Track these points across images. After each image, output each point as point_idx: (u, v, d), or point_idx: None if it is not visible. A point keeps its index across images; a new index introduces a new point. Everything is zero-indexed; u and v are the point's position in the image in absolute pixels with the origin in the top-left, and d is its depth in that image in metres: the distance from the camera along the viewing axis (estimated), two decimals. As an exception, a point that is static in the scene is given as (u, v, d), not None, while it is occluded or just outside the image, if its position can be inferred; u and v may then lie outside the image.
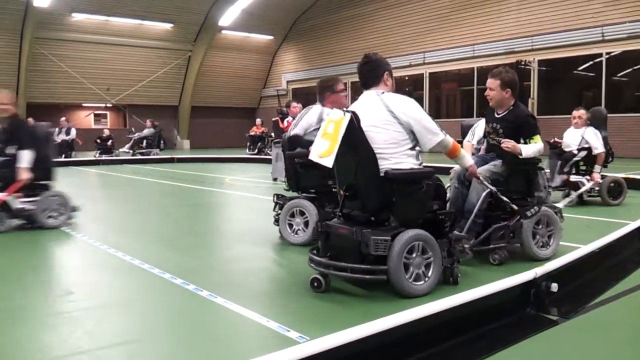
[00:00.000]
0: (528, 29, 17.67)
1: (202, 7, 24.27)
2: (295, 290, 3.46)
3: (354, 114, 3.22)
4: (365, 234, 3.18)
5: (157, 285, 3.65)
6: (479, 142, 5.12)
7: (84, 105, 25.46)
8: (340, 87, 5.02)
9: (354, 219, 3.43)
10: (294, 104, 10.45)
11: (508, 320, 2.81)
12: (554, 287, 3.00)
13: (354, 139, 3.22)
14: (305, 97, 25.19)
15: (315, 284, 3.32)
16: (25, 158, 5.45)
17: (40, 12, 20.85)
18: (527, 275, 2.97)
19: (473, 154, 4.93)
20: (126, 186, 11.25)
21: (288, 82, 27.51)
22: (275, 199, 5.12)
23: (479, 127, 5.19)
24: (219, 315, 3.07)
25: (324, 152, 3.25)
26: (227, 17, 24.32)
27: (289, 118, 10.55)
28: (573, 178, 7.12)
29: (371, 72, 3.56)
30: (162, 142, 20.22)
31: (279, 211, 4.99)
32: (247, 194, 9.52)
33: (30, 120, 17.83)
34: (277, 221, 5.01)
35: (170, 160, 17.62)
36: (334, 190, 4.37)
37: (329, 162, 3.22)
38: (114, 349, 2.59)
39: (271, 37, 27.34)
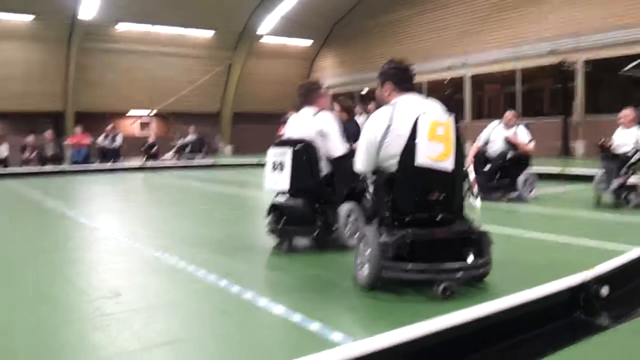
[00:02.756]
0: (573, 27, 17.19)
1: (242, 15, 24.61)
2: (340, 292, 3.45)
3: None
4: (485, 233, 3.39)
5: (202, 287, 3.71)
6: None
7: (129, 113, 26.12)
8: (324, 90, 5.19)
9: (435, 222, 3.35)
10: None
11: (557, 325, 2.73)
12: (605, 290, 2.90)
13: (457, 141, 3.31)
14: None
15: (448, 292, 3.15)
16: None
17: (86, 24, 21.55)
18: (576, 278, 2.89)
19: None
20: (171, 191, 11.48)
21: (327, 87, 27.56)
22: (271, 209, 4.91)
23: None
24: (263, 316, 3.09)
25: (439, 156, 3.25)
26: (267, 24, 24.58)
27: None
28: (632, 180, 6.90)
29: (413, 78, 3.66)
30: (205, 148, 20.60)
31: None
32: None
33: (78, 129, 18.59)
34: (273, 231, 4.84)
35: (213, 166, 17.90)
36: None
37: (448, 165, 3.27)
38: (161, 349, 2.64)
39: (310, 43, 27.48)
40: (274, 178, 4.73)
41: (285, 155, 4.61)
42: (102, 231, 6.32)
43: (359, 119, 16.53)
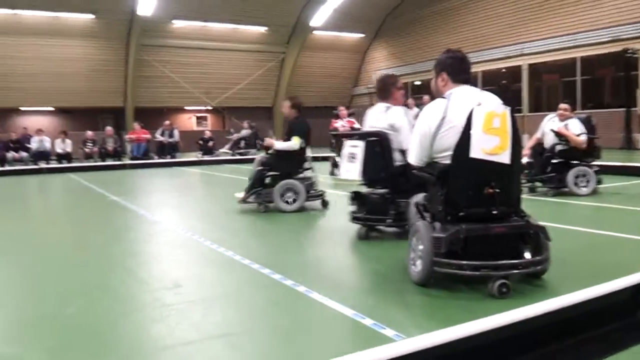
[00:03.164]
0: (636, 14, 16.38)
1: (294, 9, 24.74)
2: (392, 287, 3.45)
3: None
4: (542, 228, 3.30)
5: (256, 280, 3.79)
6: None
7: (186, 108, 26.77)
8: (400, 84, 5.27)
9: (491, 216, 3.29)
10: (342, 108, 12.49)
11: (618, 325, 2.64)
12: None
13: (515, 133, 3.24)
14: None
15: (504, 289, 3.09)
16: None
17: (144, 21, 22.20)
18: (637, 277, 2.78)
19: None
20: (226, 185, 11.71)
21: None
22: (352, 196, 5.16)
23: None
24: (315, 310, 3.13)
25: (495, 149, 3.19)
26: (319, 18, 24.62)
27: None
28: None
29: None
30: (258, 142, 20.86)
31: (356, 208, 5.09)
32: (339, 191, 9.59)
33: (137, 125, 19.23)
34: (355, 219, 5.08)
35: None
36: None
37: (505, 158, 3.20)
38: (218, 341, 2.72)
39: (362, 35, 27.35)
40: (348, 168, 5.00)
41: (358, 147, 4.88)
42: (161, 224, 6.54)
43: (412, 112, 16.36)
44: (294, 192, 6.80)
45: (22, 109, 23.09)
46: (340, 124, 12.31)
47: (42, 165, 16.46)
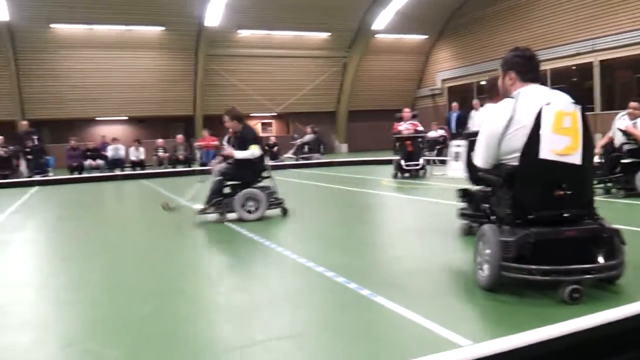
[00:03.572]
0: None
1: (356, 14, 24.79)
2: (458, 292, 3.41)
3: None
4: (617, 231, 3.19)
5: (320, 283, 3.83)
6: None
7: (251, 115, 27.38)
8: None
9: (562, 219, 3.20)
10: (406, 109, 12.66)
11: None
12: None
13: (586, 132, 3.16)
14: (462, 94, 24.51)
15: (576, 295, 3.00)
16: None
17: (211, 31, 22.89)
18: None
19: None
20: (290, 189, 11.88)
21: (443, 80, 26.98)
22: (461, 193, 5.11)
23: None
24: (379, 314, 3.13)
25: (565, 149, 3.11)
26: (381, 21, 24.55)
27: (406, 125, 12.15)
28: None
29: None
30: (322, 146, 21.07)
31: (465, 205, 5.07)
32: (403, 195, 9.54)
33: (205, 132, 19.84)
34: (463, 215, 5.07)
35: (330, 164, 18.23)
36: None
37: (576, 158, 3.12)
38: (284, 342, 2.78)
39: (425, 37, 27.04)
40: (454, 166, 5.13)
41: (462, 147, 5.03)
42: (229, 228, 6.72)
43: (478, 113, 15.99)
44: (255, 201, 6.77)
45: (98, 118, 24.33)
46: (404, 127, 12.18)
47: (117, 172, 17.28)
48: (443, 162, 15.36)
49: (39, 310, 3.58)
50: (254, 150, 6.84)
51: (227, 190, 6.90)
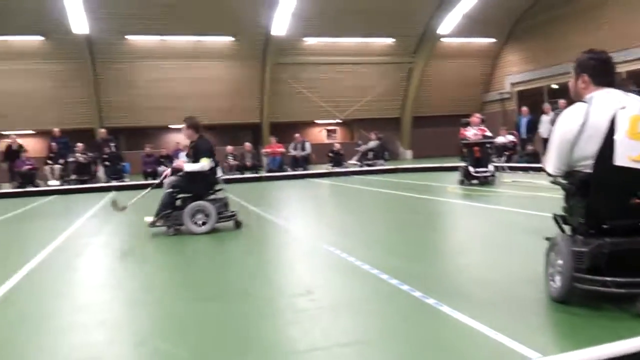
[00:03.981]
0: None
1: (421, 19, 24.55)
2: (528, 303, 3.29)
3: None
4: None
5: (384, 290, 3.81)
6: None
7: (316, 122, 27.62)
8: None
9: (639, 228, 3.05)
10: (477, 115, 12.51)
11: None
12: None
13: None
14: (532, 98, 23.71)
15: None
16: None
17: (278, 40, 23.32)
18: None
19: None
20: (354, 196, 11.90)
21: (512, 84, 26.21)
22: None
23: None
24: (445, 324, 3.08)
25: None
26: (447, 25, 24.19)
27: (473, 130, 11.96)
28: None
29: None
30: (386, 153, 20.97)
31: None
32: (470, 202, 9.34)
33: (272, 139, 20.22)
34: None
35: (394, 171, 18.11)
36: None
37: None
38: (346, 348, 2.78)
39: (492, 40, 26.39)
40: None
41: None
42: (295, 233, 6.83)
43: (548, 117, 15.44)
44: (204, 214, 6.62)
45: (171, 126, 25.27)
46: (472, 132, 11.89)
47: (188, 178, 17.85)
48: (512, 169, 14.92)
49: (113, 310, 3.76)
50: (203, 163, 6.73)
51: (179, 202, 6.79)
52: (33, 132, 23.03)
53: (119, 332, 3.30)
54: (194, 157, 6.86)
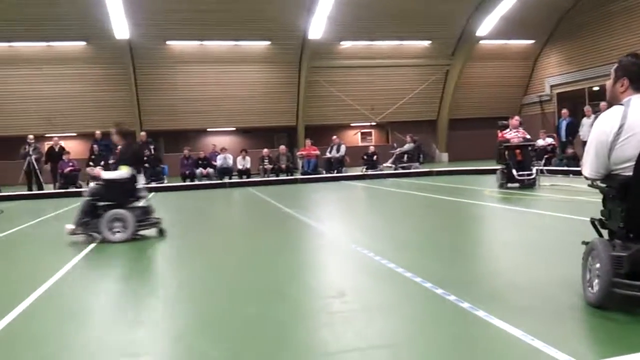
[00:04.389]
0: None
1: (459, 21, 24.30)
2: (564, 308, 3.24)
3: None
4: None
5: (418, 293, 3.80)
6: None
7: (351, 124, 27.62)
8: None
9: None
10: (516, 117, 12.50)
11: None
12: None
13: None
14: (572, 101, 23.18)
15: None
16: None
17: (314, 44, 23.44)
18: None
19: None
20: (388, 198, 11.86)
21: (552, 86, 25.67)
22: None
23: None
24: (480, 328, 3.05)
25: None
26: (485, 27, 23.87)
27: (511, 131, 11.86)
28: None
29: None
30: (421, 156, 20.82)
31: None
32: (509, 206, 9.20)
33: (308, 142, 20.34)
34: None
35: (429, 174, 17.97)
36: None
37: None
38: (380, 350, 2.79)
39: (532, 42, 25.91)
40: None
41: None
42: (329, 235, 6.86)
43: (589, 120, 15.08)
44: (122, 221, 6.54)
45: (209, 129, 25.66)
46: (513, 134, 11.69)
47: (226, 180, 18.14)
48: (551, 172, 14.63)
49: (150, 308, 3.87)
50: (122, 172, 6.73)
51: (100, 210, 6.71)
52: (75, 134, 23.76)
53: (155, 329, 3.39)
54: (117, 164, 6.96)
